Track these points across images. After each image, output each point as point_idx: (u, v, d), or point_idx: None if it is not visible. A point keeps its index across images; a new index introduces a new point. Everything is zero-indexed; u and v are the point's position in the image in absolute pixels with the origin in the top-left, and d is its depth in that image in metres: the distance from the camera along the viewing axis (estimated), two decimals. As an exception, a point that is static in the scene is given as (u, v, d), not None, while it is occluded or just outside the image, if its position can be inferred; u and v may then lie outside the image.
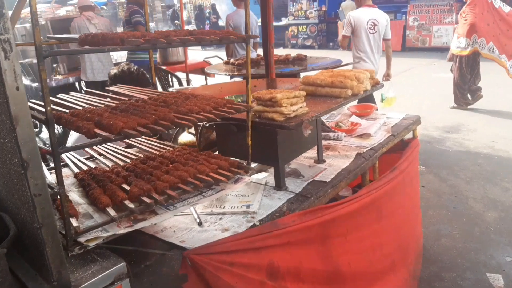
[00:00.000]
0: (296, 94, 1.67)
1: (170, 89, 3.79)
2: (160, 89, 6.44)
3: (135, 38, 1.15)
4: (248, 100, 1.51)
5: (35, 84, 6.21)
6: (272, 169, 2.03)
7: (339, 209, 1.93)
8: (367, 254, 2.12)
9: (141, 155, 1.76)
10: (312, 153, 2.37)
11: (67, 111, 1.29)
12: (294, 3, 18.91)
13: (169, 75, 5.93)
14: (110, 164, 1.75)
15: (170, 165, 1.47)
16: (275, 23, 19.38)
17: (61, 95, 1.75)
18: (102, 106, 1.39)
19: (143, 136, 1.31)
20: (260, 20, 5.87)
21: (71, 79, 6.17)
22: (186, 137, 2.87)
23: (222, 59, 4.40)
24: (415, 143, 3.08)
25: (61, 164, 1.80)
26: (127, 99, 1.52)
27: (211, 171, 1.39)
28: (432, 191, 4.14)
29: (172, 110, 1.28)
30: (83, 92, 1.96)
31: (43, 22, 6.76)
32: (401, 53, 13.80)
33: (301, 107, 1.71)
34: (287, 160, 2.06)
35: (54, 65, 6.40)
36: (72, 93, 1.66)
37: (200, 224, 1.69)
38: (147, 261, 1.33)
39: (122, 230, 1.19)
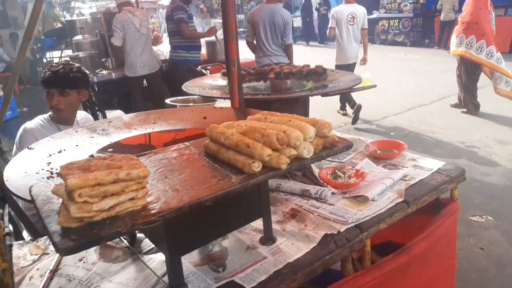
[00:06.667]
0: (122, 176, 0.90)
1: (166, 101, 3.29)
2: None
3: None
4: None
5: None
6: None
7: None
8: None
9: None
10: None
11: None
12: (388, -5, 17.21)
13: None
14: None
15: None
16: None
17: None
18: None
19: None
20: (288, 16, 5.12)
21: (113, 75, 6.02)
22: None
23: (224, 67, 3.72)
24: (453, 207, 2.16)
25: None
26: None
27: None
28: (493, 259, 3.06)
29: None
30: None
31: (98, 16, 6.79)
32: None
33: (132, 198, 0.94)
34: (194, 245, 1.38)
35: (103, 60, 6.33)
36: None
37: None
38: None
39: None
